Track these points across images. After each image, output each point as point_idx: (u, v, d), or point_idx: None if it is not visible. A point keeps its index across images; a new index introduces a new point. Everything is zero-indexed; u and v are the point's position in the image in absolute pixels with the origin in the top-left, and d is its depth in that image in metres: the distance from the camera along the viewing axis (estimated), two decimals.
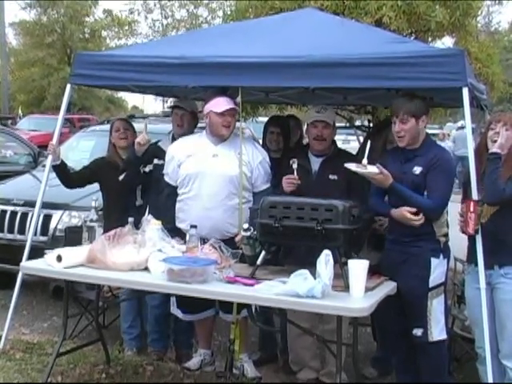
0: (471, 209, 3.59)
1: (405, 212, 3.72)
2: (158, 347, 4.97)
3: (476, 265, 3.70)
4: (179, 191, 4.34)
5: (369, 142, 3.84)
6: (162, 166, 4.54)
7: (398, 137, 3.83)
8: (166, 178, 4.41)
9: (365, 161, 3.73)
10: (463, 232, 3.73)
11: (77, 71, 4.63)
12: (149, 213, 4.44)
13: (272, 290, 3.32)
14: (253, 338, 4.99)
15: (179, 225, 4.32)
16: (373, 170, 3.73)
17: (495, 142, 3.66)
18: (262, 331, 4.93)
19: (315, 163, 4.29)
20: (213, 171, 4.21)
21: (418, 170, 3.78)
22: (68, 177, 4.98)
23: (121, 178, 4.79)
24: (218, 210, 4.21)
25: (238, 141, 4.31)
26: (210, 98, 4.31)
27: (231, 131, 4.29)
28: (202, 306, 4.34)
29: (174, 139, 4.73)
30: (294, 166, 4.08)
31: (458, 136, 17.30)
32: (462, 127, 17.52)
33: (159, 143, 4.84)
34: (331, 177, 4.20)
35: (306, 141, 4.78)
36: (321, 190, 4.00)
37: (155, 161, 4.73)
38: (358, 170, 3.76)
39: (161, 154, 4.64)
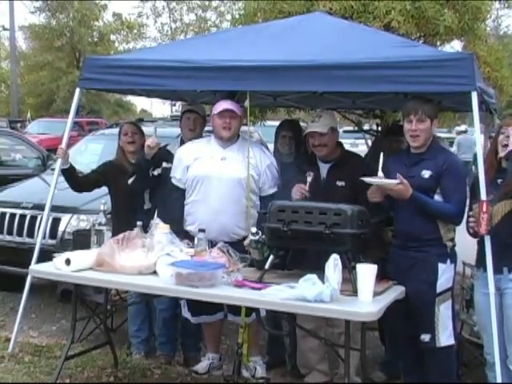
0: (484, 209, 3.57)
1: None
2: (165, 351, 4.97)
3: (485, 270, 3.68)
4: (187, 194, 4.35)
5: (382, 155, 3.78)
6: (171, 169, 4.55)
7: (413, 136, 3.80)
8: (174, 181, 4.41)
9: (380, 173, 3.70)
10: (473, 233, 3.72)
11: (86, 75, 4.64)
12: (157, 216, 4.44)
13: (280, 295, 3.31)
14: (260, 342, 4.97)
15: (187, 228, 4.33)
16: (391, 180, 3.71)
17: (505, 145, 3.66)
18: (270, 335, 4.92)
19: (323, 169, 4.29)
20: (221, 174, 4.23)
21: (426, 173, 3.77)
22: (76, 181, 4.99)
23: (130, 181, 4.80)
24: (226, 212, 4.21)
25: (246, 144, 4.33)
26: (217, 102, 4.35)
27: (232, 134, 4.29)
28: (210, 309, 4.34)
29: (182, 143, 4.74)
30: (309, 178, 4.08)
31: (461, 141, 17.25)
32: (465, 131, 17.49)
33: (168, 147, 4.84)
34: (339, 183, 4.19)
35: None
36: (329, 196, 3.99)
37: (164, 164, 4.73)
38: (375, 181, 3.73)
39: (169, 157, 4.65)
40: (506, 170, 3.70)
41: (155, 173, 4.78)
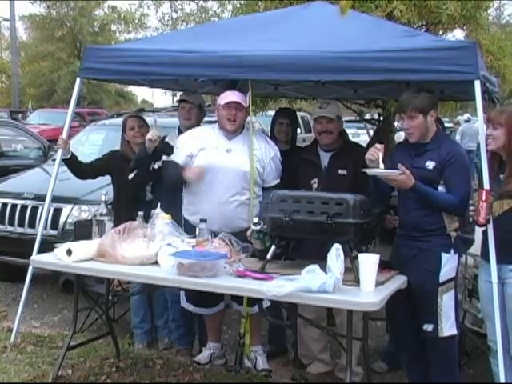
0: (483, 198, 3.54)
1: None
2: (184, 343, 4.91)
3: (488, 260, 3.67)
4: (190, 183, 4.32)
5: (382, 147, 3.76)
6: (171, 162, 4.51)
7: (407, 133, 3.81)
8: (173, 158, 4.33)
9: (381, 165, 3.69)
10: (474, 221, 3.70)
11: (86, 65, 4.63)
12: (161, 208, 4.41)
13: (282, 291, 3.24)
14: (262, 332, 4.98)
15: (189, 217, 4.31)
16: (393, 171, 3.68)
17: (489, 142, 3.64)
18: (271, 324, 4.92)
19: (324, 158, 4.31)
20: (226, 166, 4.20)
21: (430, 164, 3.74)
22: (79, 168, 4.97)
23: (130, 176, 4.76)
24: (230, 205, 4.20)
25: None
26: (221, 93, 4.31)
27: (237, 126, 4.26)
28: (212, 299, 4.34)
29: (180, 133, 4.71)
30: (315, 185, 4.07)
31: (465, 129, 17.22)
32: (469, 120, 17.45)
33: (166, 139, 4.79)
34: (340, 172, 4.21)
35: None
36: (330, 184, 3.99)
37: (164, 157, 4.70)
38: (377, 172, 3.71)
39: (168, 150, 4.58)
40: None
41: (155, 166, 4.74)
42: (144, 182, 4.88)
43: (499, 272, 3.67)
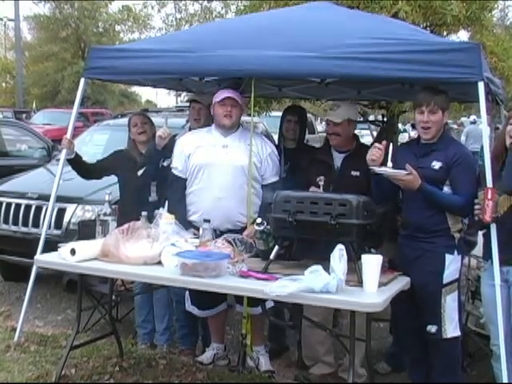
0: (489, 196, 3.53)
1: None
2: (187, 344, 4.93)
3: (493, 262, 3.66)
4: (188, 183, 4.33)
5: (391, 145, 3.75)
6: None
7: (425, 128, 3.77)
8: (175, 172, 4.38)
9: (389, 164, 3.68)
10: (479, 222, 3.69)
11: (91, 65, 4.63)
12: (168, 207, 4.42)
13: (285, 291, 3.24)
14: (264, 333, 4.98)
15: (191, 218, 4.32)
16: (400, 171, 3.68)
17: None
18: (272, 322, 4.91)
19: (338, 159, 4.31)
20: (223, 161, 4.22)
21: (437, 164, 3.74)
22: (84, 168, 4.98)
23: (139, 172, 4.77)
24: (230, 200, 4.21)
25: (246, 133, 4.33)
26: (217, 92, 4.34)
27: (234, 122, 4.27)
28: (214, 300, 4.34)
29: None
30: (321, 183, 4.09)
31: (470, 131, 17.24)
32: (474, 122, 17.45)
33: (176, 137, 4.82)
34: (353, 173, 4.20)
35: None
36: (343, 186, 3.98)
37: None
38: (384, 171, 3.71)
39: None
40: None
41: (165, 164, 4.76)
42: (153, 179, 4.88)
43: (506, 275, 3.65)
